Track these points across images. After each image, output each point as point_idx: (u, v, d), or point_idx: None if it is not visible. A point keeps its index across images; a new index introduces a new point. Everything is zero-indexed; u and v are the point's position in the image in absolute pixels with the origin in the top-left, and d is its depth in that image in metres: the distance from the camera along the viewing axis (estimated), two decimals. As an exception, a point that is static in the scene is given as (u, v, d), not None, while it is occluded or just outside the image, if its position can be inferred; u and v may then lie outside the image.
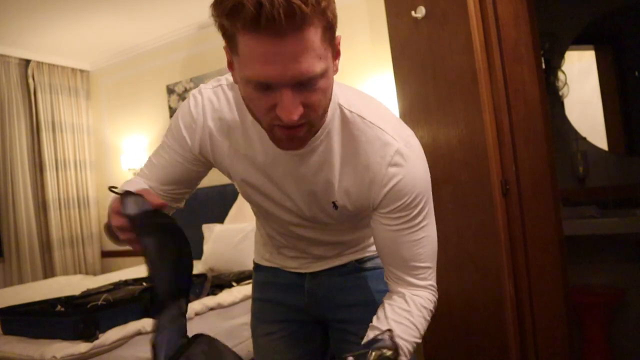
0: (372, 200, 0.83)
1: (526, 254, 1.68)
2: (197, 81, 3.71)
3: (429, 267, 0.86)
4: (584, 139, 2.60)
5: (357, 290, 1.05)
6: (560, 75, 2.66)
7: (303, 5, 0.61)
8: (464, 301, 1.77)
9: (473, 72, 1.66)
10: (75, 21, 3.44)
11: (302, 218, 0.93)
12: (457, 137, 1.75)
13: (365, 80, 3.00)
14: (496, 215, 1.64)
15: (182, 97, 3.82)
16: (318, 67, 0.66)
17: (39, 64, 3.99)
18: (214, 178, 1.04)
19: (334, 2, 0.69)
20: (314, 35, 0.65)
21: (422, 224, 0.84)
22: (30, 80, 3.92)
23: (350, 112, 0.82)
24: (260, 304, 1.14)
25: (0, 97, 3.73)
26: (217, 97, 0.87)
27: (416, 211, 0.82)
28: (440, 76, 1.82)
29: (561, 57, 2.65)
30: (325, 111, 0.75)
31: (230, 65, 0.74)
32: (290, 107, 0.67)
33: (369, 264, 1.05)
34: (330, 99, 0.75)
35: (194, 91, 0.90)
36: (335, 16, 0.69)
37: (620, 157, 2.56)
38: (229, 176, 0.94)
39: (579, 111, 2.64)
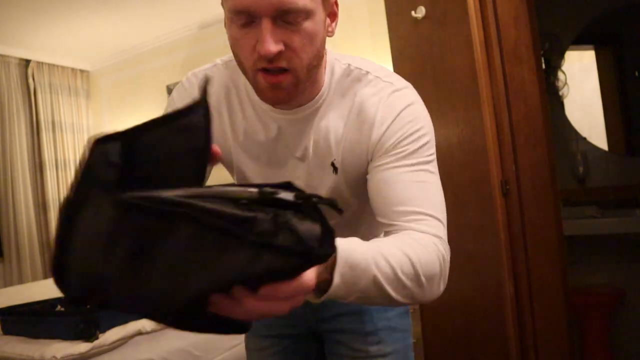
0: (371, 144, 0.75)
1: (526, 254, 1.68)
2: (197, 81, 3.71)
3: (432, 216, 0.70)
4: (584, 139, 2.60)
5: None
6: (560, 75, 2.66)
7: None
8: (464, 301, 1.77)
9: (473, 72, 1.66)
10: (75, 21, 3.44)
11: None
12: (456, 137, 1.75)
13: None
14: (496, 215, 1.65)
15: (182, 97, 3.82)
16: (300, 0, 0.64)
17: (39, 64, 3.99)
18: (213, 178, 1.03)
19: None
20: None
21: (422, 166, 0.73)
22: (30, 80, 3.92)
23: (348, 65, 0.80)
24: None
25: (0, 97, 3.73)
26: (213, 74, 0.84)
27: (417, 145, 0.74)
28: (440, 76, 1.82)
29: (561, 57, 2.65)
30: (311, 64, 0.71)
31: (226, 23, 0.73)
32: (267, 38, 0.64)
33: None
34: (319, 52, 0.71)
35: (187, 75, 0.86)
36: None
37: (620, 157, 2.56)
38: (229, 164, 0.88)
39: (579, 111, 2.64)
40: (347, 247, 0.57)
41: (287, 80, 0.69)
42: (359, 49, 3.02)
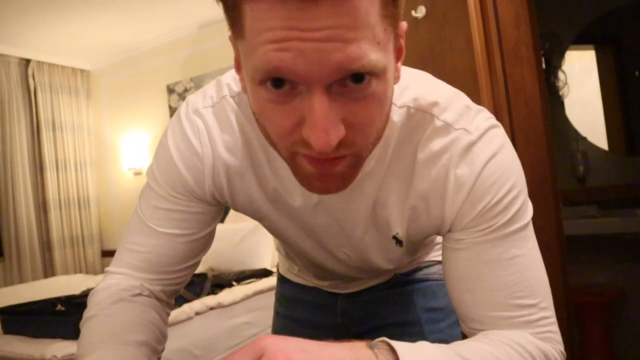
0: (446, 220, 0.57)
1: (526, 254, 1.68)
2: (197, 81, 3.71)
3: (534, 306, 0.53)
4: (584, 138, 2.60)
5: (399, 307, 0.83)
6: (561, 75, 2.66)
7: None
8: (464, 301, 1.77)
9: (473, 71, 1.66)
10: (75, 21, 3.44)
11: (349, 265, 0.73)
12: (457, 137, 1.75)
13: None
14: (496, 215, 1.64)
15: (183, 96, 3.82)
16: (374, 55, 0.40)
17: (39, 63, 3.99)
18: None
19: None
20: (369, 5, 0.39)
21: (518, 238, 0.54)
22: (31, 80, 3.92)
23: (408, 108, 0.56)
24: (284, 322, 0.96)
25: (1, 96, 3.73)
26: (224, 117, 0.60)
27: (509, 214, 0.54)
28: (440, 76, 1.80)
29: (561, 57, 2.65)
30: (379, 136, 0.49)
31: (238, 65, 0.50)
32: (325, 123, 0.41)
33: (415, 275, 0.84)
34: (387, 116, 0.49)
35: (187, 112, 0.61)
36: None
37: (620, 157, 2.55)
38: (261, 222, 0.69)
39: (579, 111, 2.64)
40: (411, 352, 0.44)
41: (344, 164, 0.46)
42: (359, 49, 3.02)
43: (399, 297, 0.84)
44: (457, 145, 0.54)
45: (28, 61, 3.92)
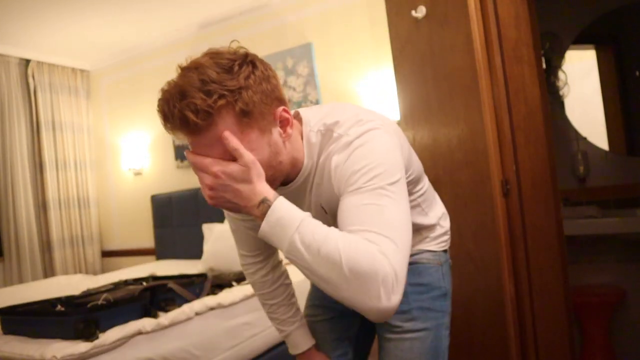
0: (336, 189, 0.88)
1: (526, 254, 1.68)
2: (197, 81, 3.71)
3: (379, 234, 0.74)
4: (585, 138, 2.60)
5: None
6: (561, 75, 2.66)
7: (192, 116, 0.74)
8: (464, 301, 1.77)
9: (473, 71, 1.66)
10: (75, 21, 3.44)
11: None
12: (457, 137, 1.75)
13: (367, 79, 3.00)
14: (496, 215, 1.64)
15: (182, 96, 3.82)
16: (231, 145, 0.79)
17: (39, 63, 3.99)
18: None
19: (249, 89, 0.77)
20: (221, 129, 0.77)
21: (372, 193, 0.79)
22: (31, 80, 3.92)
23: (318, 131, 0.92)
24: (312, 287, 1.30)
25: (1, 97, 3.73)
26: None
27: (365, 178, 0.80)
28: (440, 76, 1.82)
29: (562, 56, 2.65)
30: (281, 168, 0.87)
31: None
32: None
33: None
34: (269, 168, 0.83)
35: None
36: (252, 102, 0.78)
37: (621, 157, 2.55)
38: None
39: (580, 111, 2.64)
40: (289, 204, 0.78)
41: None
42: (359, 49, 3.02)
43: None
44: (340, 144, 0.88)
45: (28, 61, 3.92)
